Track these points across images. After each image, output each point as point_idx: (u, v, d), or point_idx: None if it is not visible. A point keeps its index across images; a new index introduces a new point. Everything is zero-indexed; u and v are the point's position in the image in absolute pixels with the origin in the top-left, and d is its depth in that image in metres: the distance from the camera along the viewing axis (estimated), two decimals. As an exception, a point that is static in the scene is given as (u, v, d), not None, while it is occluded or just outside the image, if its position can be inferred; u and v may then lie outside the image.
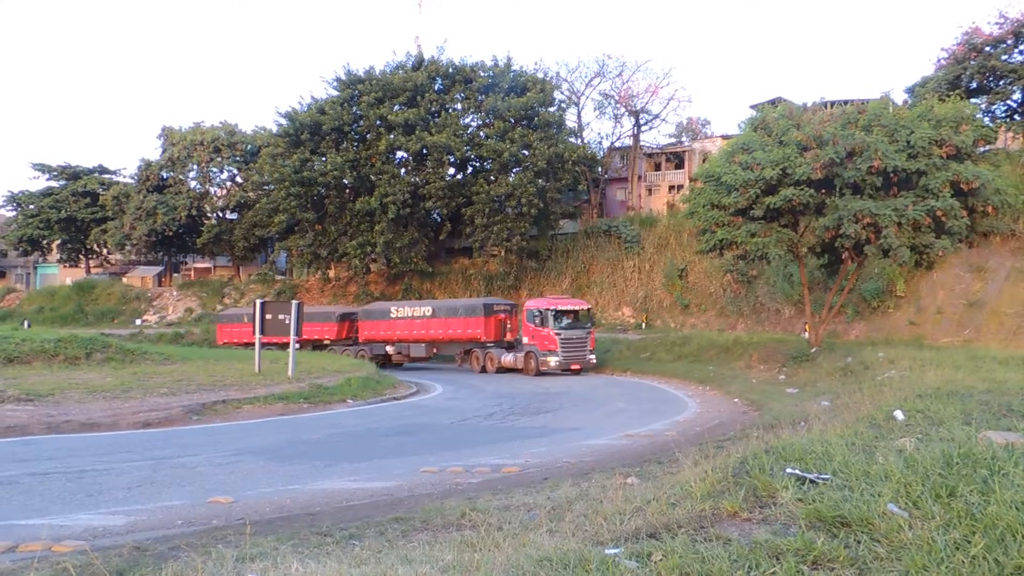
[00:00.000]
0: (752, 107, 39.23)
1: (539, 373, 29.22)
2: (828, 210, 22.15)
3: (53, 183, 63.34)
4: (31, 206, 62.96)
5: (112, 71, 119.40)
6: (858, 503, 4.46)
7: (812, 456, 5.69)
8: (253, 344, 37.29)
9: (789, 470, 5.27)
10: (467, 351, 33.72)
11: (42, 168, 62.79)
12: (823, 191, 22.40)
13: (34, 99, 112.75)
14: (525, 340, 30.60)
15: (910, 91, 36.11)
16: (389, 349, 36.55)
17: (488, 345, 32.51)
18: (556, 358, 29.06)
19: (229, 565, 4.71)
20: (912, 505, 4.44)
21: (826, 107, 26.58)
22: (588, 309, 31.40)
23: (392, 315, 36.44)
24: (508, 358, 31.19)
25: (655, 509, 5.27)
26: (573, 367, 29.29)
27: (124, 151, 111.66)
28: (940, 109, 22.88)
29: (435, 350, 35.74)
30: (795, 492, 4.88)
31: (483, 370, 31.94)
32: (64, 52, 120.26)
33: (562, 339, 29.19)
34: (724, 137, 45.69)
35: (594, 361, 30.05)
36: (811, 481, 5.06)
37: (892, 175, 21.30)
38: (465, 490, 8.52)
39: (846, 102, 28.29)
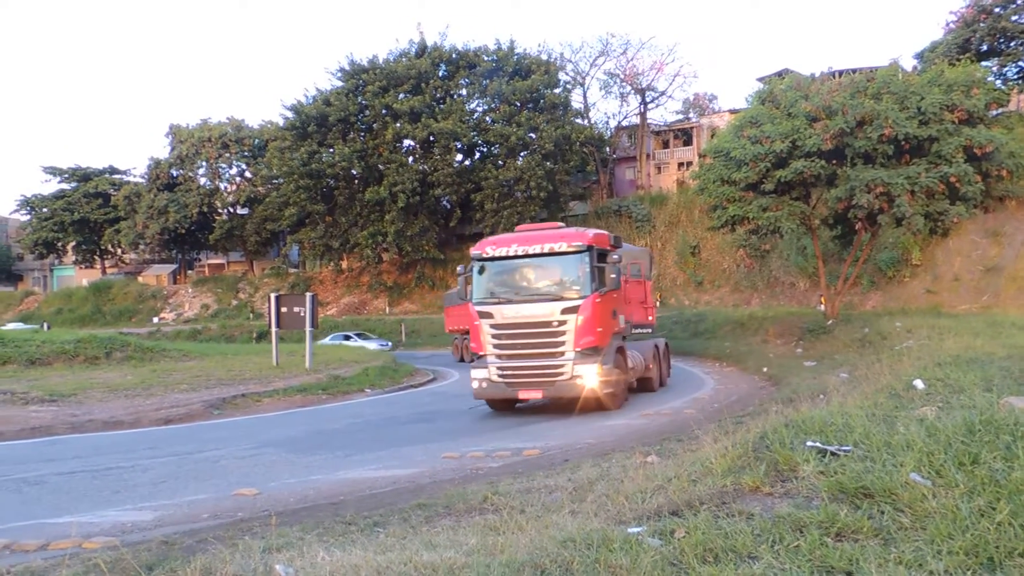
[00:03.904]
0: (759, 80, 38.91)
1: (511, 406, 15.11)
2: (840, 181, 21.95)
3: (65, 185, 63.78)
4: (44, 209, 63.45)
5: (117, 71, 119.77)
6: (880, 474, 4.44)
7: (832, 428, 5.68)
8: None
9: (810, 443, 5.26)
10: None
11: (53, 171, 63.21)
12: (834, 162, 22.20)
13: (42, 103, 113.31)
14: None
15: (919, 57, 35.69)
16: None
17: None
18: (481, 373, 14.04)
19: (256, 556, 4.75)
20: (935, 474, 4.42)
21: (834, 76, 26.27)
22: (581, 250, 13.70)
23: None
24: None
25: (676, 487, 5.28)
26: (522, 395, 13.88)
27: (133, 151, 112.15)
28: (950, 74, 22.57)
29: None
30: (816, 465, 4.87)
31: None
32: (69, 54, 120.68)
33: (494, 328, 13.89)
34: (732, 112, 45.34)
35: (600, 385, 13.53)
36: (832, 453, 5.04)
37: (904, 143, 21.06)
38: (486, 474, 8.56)
39: (854, 71, 27.96)
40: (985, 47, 33.41)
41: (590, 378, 13.39)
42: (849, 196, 21.34)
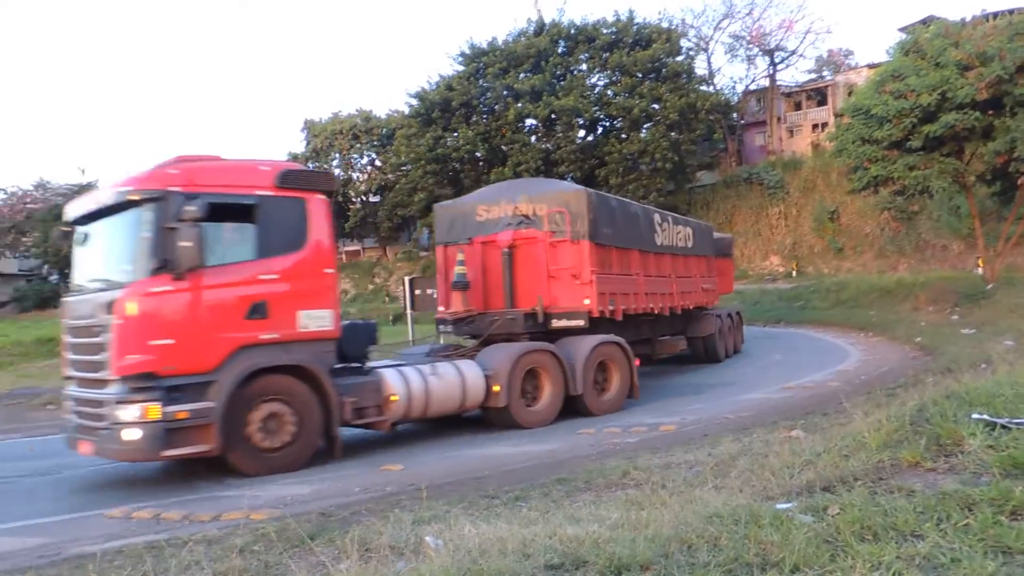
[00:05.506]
0: (901, 30, 36.22)
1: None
2: (998, 133, 20.24)
3: (214, 183, 68.34)
4: (196, 206, 68.31)
5: (258, 73, 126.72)
6: (1061, 448, 4.10)
7: (1001, 400, 5.27)
8: None
9: (975, 415, 4.91)
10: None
11: (203, 170, 67.91)
12: (990, 112, 20.46)
13: (196, 108, 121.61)
14: None
15: (1090, -11, 32.06)
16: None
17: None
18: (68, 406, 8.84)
19: (407, 528, 4.97)
20: (1126, 447, 4.03)
21: (988, 19, 24.06)
22: (144, 198, 7.95)
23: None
24: None
25: (826, 462, 5.08)
26: (81, 450, 8.45)
27: (274, 147, 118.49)
28: None
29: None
30: (984, 439, 4.55)
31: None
32: (218, 63, 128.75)
33: (64, 335, 8.96)
34: (871, 66, 42.58)
35: (147, 442, 7.68)
36: (1002, 426, 4.69)
37: (1073, 86, 19.12)
38: (623, 449, 8.54)
39: (1012, 12, 25.50)
40: None
41: (131, 430, 7.67)
42: (1010, 149, 19.67)
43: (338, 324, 9.16)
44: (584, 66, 44.76)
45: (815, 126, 48.66)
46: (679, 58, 43.45)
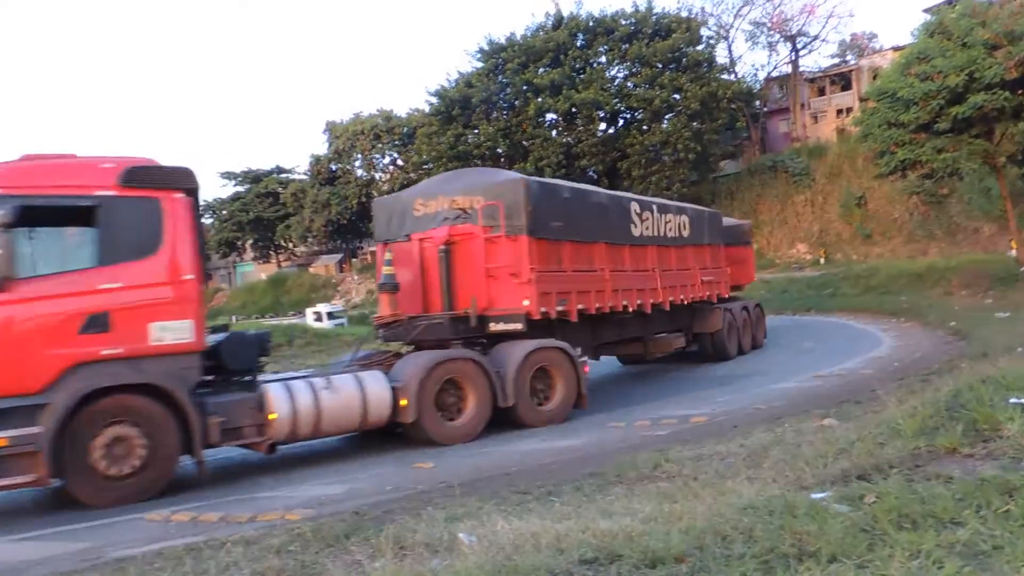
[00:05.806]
0: (926, 11, 35.60)
1: None
2: (1029, 112, 19.85)
3: (239, 188, 69.15)
4: (223, 211, 69.17)
5: (277, 77, 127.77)
6: (1102, 431, 4.02)
7: (1039, 383, 5.18)
8: None
9: (1013, 400, 4.83)
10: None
11: (228, 176, 68.72)
12: (1020, 92, 20.07)
13: (214, 114, 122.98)
14: None
15: (1121, -39, 31.28)
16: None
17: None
18: None
19: (441, 525, 5.00)
20: None
21: (1016, -4, 23.58)
22: None
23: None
24: None
25: (861, 450, 5.03)
26: None
27: (296, 150, 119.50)
28: None
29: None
30: (1022, 423, 4.47)
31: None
32: (235, 69, 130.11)
33: None
34: (895, 49, 41.92)
35: None
36: (1041, 411, 4.61)
37: (1106, 61, 18.68)
38: (654, 442, 8.50)
39: (1041, -14, 24.96)
40: None
41: None
42: (1041, 127, 19.29)
43: (201, 336, 8.17)
44: (603, 58, 44.55)
45: (840, 111, 48.08)
46: (699, 47, 43.10)
